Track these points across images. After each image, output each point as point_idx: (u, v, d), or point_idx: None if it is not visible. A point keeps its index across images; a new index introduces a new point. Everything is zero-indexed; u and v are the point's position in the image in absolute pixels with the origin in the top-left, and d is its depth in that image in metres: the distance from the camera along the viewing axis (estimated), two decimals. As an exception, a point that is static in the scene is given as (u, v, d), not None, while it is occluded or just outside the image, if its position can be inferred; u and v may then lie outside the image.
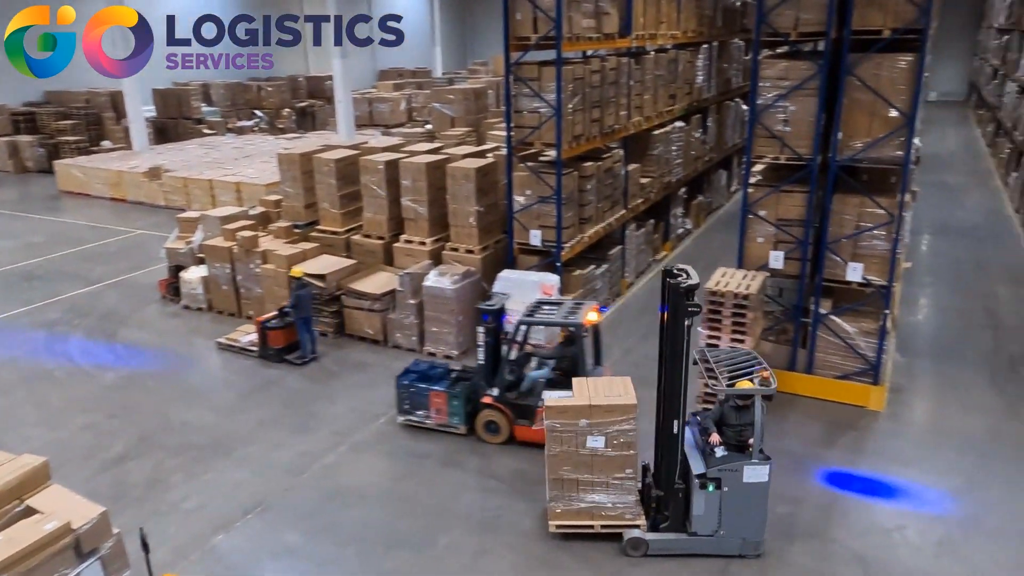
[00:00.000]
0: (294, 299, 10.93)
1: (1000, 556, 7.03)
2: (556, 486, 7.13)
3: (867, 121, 8.93)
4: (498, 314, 8.84)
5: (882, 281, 9.25)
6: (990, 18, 33.56)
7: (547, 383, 8.72)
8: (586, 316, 8.52)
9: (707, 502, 6.79)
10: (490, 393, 8.78)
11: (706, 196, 18.71)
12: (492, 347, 8.79)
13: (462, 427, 8.99)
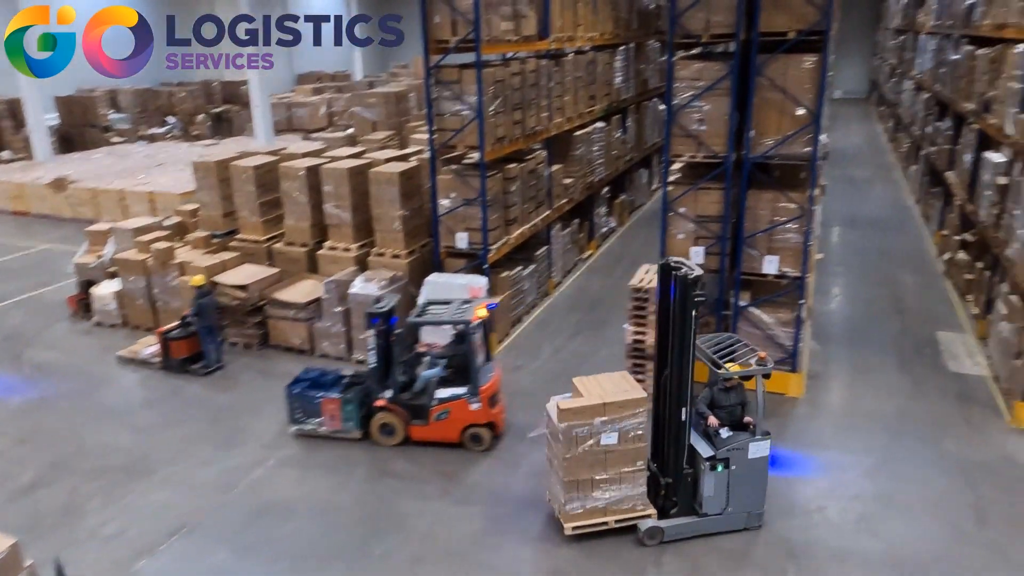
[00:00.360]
0: (196, 308, 10.67)
1: (913, 530, 7.42)
2: (572, 488, 7.09)
3: (777, 119, 9.29)
4: (388, 316, 8.84)
5: (797, 272, 9.63)
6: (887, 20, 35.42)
7: (440, 381, 8.83)
8: (475, 313, 8.65)
9: (716, 482, 7.07)
10: (383, 396, 8.79)
11: (628, 195, 19.09)
12: (383, 350, 8.81)
13: (356, 432, 8.97)
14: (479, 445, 8.82)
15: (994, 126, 11.98)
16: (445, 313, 8.85)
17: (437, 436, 8.79)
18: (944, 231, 15.55)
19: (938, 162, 16.98)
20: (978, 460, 8.46)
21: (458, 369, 8.84)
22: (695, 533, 7.23)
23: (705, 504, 7.17)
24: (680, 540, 7.18)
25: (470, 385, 8.71)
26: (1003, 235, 10.81)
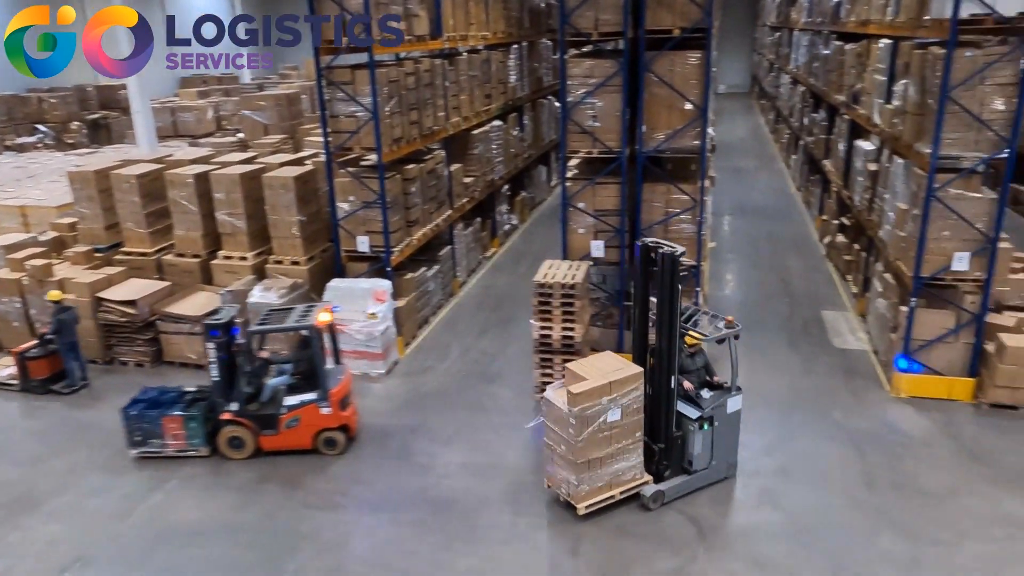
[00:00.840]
0: (56, 324, 10.12)
1: (810, 499, 7.85)
2: (584, 468, 7.28)
3: (667, 114, 9.62)
4: (228, 327, 8.57)
5: (692, 261, 9.99)
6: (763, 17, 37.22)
7: (288, 389, 8.71)
8: (318, 317, 8.59)
9: (703, 440, 7.73)
10: (229, 408, 8.57)
11: (529, 192, 19.29)
12: (226, 362, 8.54)
13: (204, 448, 8.70)
14: (333, 449, 8.74)
15: (863, 116, 12.82)
16: (289, 319, 8.67)
17: (289, 444, 8.67)
18: (824, 216, 16.51)
19: (816, 151, 18.01)
20: (864, 429, 9.04)
21: (306, 375, 8.73)
22: (688, 490, 7.83)
23: (695, 462, 7.78)
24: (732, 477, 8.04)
25: (319, 390, 8.60)
26: (875, 218, 11.58)
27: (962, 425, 9.07)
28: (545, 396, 7.58)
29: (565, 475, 7.44)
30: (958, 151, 8.92)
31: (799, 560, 6.95)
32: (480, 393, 10.23)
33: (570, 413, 7.13)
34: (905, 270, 9.62)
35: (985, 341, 9.44)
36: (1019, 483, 7.93)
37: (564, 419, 7.23)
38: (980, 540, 7.12)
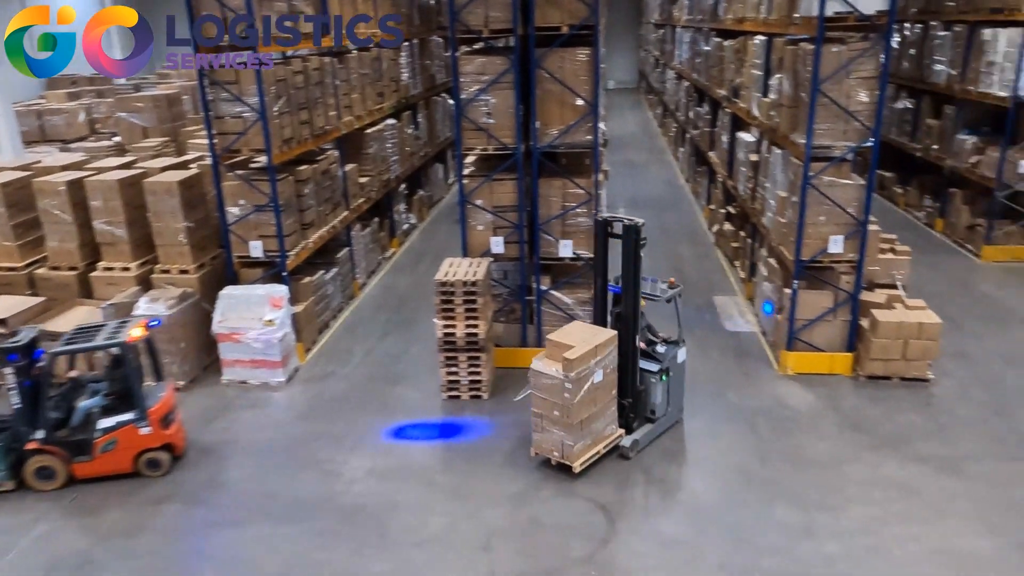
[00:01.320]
0: None
1: (710, 478, 8.19)
2: (577, 429, 7.89)
3: (559, 110, 9.77)
4: (29, 350, 8.07)
5: (590, 254, 10.21)
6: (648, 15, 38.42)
7: (103, 411, 8.23)
8: (130, 333, 8.18)
9: (662, 390, 8.69)
10: (35, 437, 8.03)
11: (426, 190, 19.18)
12: (29, 388, 8.00)
13: (8, 483, 8.11)
14: (157, 470, 8.34)
15: (743, 109, 13.46)
16: (99, 337, 8.16)
17: (107, 469, 8.20)
18: (712, 206, 17.23)
19: (701, 144, 18.77)
20: (756, 407, 9.51)
21: (121, 395, 8.30)
22: (654, 436, 8.77)
23: (657, 410, 8.75)
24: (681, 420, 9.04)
25: (136, 409, 8.20)
26: (758, 206, 12.19)
27: (843, 397, 9.69)
28: (532, 368, 8.03)
29: (560, 438, 8.01)
30: (829, 141, 9.51)
31: (702, 536, 7.24)
32: (386, 396, 10.11)
33: (566, 378, 7.65)
34: (787, 254, 10.17)
35: (860, 318, 10.12)
36: (895, 448, 8.55)
37: (558, 385, 7.76)
38: (863, 503, 7.63)
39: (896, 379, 9.91)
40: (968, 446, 8.56)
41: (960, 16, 15.36)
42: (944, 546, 7.02)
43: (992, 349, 10.81)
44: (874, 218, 10.20)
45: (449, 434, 9.20)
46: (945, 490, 7.81)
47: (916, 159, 17.62)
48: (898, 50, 18.01)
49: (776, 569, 6.78)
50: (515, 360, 10.63)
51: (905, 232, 15.22)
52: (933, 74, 16.30)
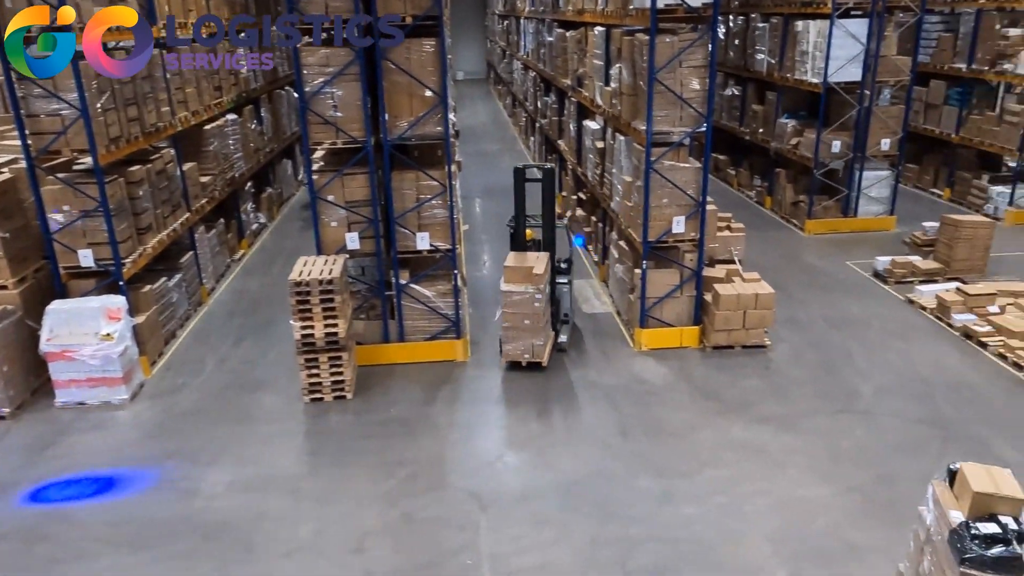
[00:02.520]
0: None
1: (576, 455, 8.44)
2: (542, 331, 9.99)
3: (408, 101, 9.67)
4: None
5: (447, 245, 10.22)
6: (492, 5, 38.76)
7: None
8: None
9: (568, 298, 11.00)
10: None
11: (275, 187, 18.43)
12: None
13: None
14: None
15: (587, 98, 13.92)
16: None
17: None
18: (563, 192, 17.72)
19: (551, 132, 19.24)
20: (616, 384, 9.92)
21: None
22: (569, 333, 10.88)
23: (569, 314, 10.92)
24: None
25: None
26: (607, 191, 12.67)
27: (693, 368, 10.30)
28: (503, 290, 9.78)
29: (530, 342, 9.99)
30: (667, 127, 10.02)
31: (572, 512, 7.48)
32: (244, 404, 9.65)
33: (537, 290, 9.73)
34: (635, 236, 10.65)
35: (704, 292, 10.79)
36: (740, 412, 9.20)
37: (528, 298, 9.78)
38: (717, 465, 8.17)
39: (738, 347, 10.66)
40: (803, 404, 9.37)
41: (776, 9, 16.66)
42: (787, 497, 7.64)
43: (818, 314, 11.87)
44: (711, 198, 10.86)
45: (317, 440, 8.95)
46: (786, 446, 8.50)
47: (746, 142, 18.98)
48: (724, 41, 19.30)
49: (641, 536, 7.11)
50: (378, 357, 10.48)
51: (739, 210, 16.38)
52: (756, 63, 17.59)
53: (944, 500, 5.26)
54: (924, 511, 5.50)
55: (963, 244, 12.95)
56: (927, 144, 18.76)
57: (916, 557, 5.58)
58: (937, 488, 5.41)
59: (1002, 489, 5.06)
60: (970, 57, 17.26)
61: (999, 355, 10.31)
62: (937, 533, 5.22)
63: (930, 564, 5.31)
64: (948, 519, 5.10)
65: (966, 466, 5.25)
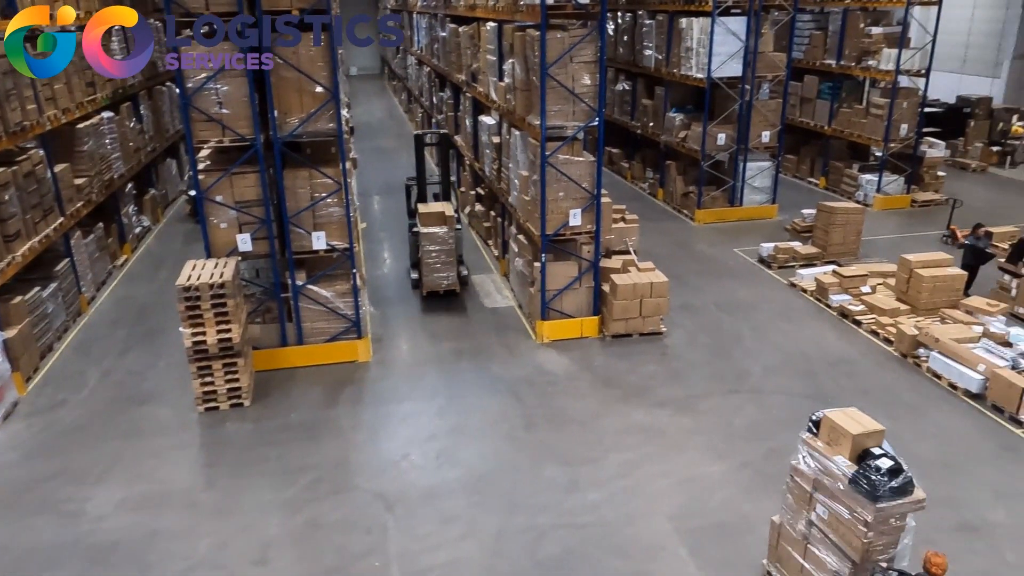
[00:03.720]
0: None
1: (481, 449, 8.50)
2: (454, 265, 12.11)
3: (298, 98, 9.40)
4: None
5: (345, 244, 10.02)
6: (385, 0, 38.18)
7: None
8: None
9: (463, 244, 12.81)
10: None
11: (159, 189, 17.54)
12: None
13: None
14: None
15: (482, 93, 13.95)
16: None
17: None
18: (462, 188, 17.70)
19: (447, 128, 19.16)
20: (519, 376, 10.02)
21: None
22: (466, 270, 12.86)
23: (463, 254, 12.74)
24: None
25: None
26: (504, 185, 12.76)
27: (594, 358, 10.54)
28: (422, 232, 11.68)
29: (446, 274, 11.97)
30: (561, 121, 10.18)
31: (479, 507, 7.51)
32: (133, 418, 9.16)
33: (450, 228, 11.75)
34: (533, 230, 10.78)
35: (601, 283, 11.04)
36: (640, 397, 9.49)
37: (444, 236, 11.73)
38: (620, 450, 8.40)
39: (636, 335, 10.99)
40: (698, 386, 9.76)
41: (661, 7, 17.20)
42: (687, 475, 7.95)
43: (709, 299, 12.39)
44: (606, 191, 11.14)
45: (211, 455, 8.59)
46: (683, 427, 8.84)
47: (637, 136, 19.53)
48: (613, 37, 19.77)
49: (549, 525, 7.23)
50: (277, 361, 10.18)
51: (633, 202, 16.86)
52: (644, 59, 18.12)
53: (822, 449, 5.71)
54: (801, 464, 5.89)
55: (838, 229, 13.81)
56: (803, 136, 19.89)
57: (799, 507, 5.98)
58: (809, 440, 5.85)
59: (867, 426, 5.62)
60: (839, 54, 18.42)
61: (872, 332, 11.07)
62: (829, 480, 5.63)
63: (824, 511, 5.73)
64: (836, 465, 5.56)
65: (830, 413, 5.77)
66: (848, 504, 5.51)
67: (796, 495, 6.00)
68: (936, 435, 8.62)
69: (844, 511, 5.55)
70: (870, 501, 5.33)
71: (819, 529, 5.81)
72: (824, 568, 5.81)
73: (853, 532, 5.49)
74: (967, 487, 7.66)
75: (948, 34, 24.01)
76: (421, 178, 12.90)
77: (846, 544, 5.59)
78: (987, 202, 17.76)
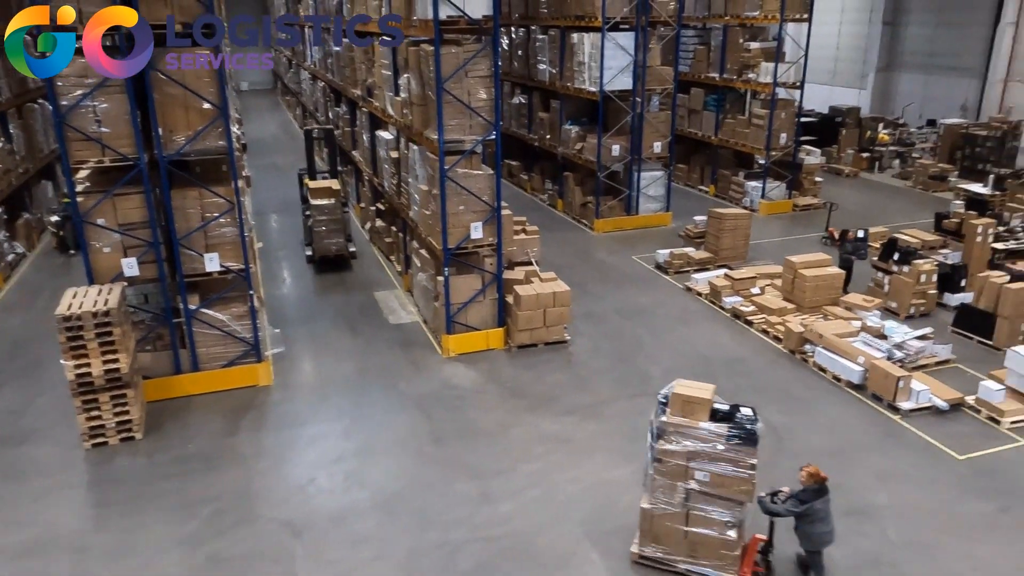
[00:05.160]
0: None
1: (390, 468, 8.36)
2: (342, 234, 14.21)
3: (184, 115, 9.04)
4: None
5: (240, 265, 9.68)
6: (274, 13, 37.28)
7: None
8: None
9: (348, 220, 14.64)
10: None
11: (34, 212, 16.45)
12: None
13: None
14: None
15: (378, 108, 13.84)
16: None
17: None
18: (362, 204, 17.47)
19: (345, 143, 18.87)
20: (427, 392, 9.95)
21: None
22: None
23: (352, 234, 14.09)
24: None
25: None
26: (404, 200, 12.68)
27: (501, 369, 10.60)
28: (314, 203, 13.89)
29: (336, 242, 14.12)
30: (459, 135, 10.23)
31: (390, 527, 7.39)
32: (9, 460, 8.51)
33: (339, 200, 14.08)
34: (435, 244, 10.76)
35: (505, 295, 11.13)
36: (548, 406, 9.61)
37: (333, 206, 13.97)
38: (530, 460, 8.46)
39: (541, 345, 11.13)
40: (603, 392, 9.96)
41: (553, 22, 17.59)
42: (596, 480, 8.09)
43: (611, 306, 12.70)
44: (506, 203, 11.25)
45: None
46: (591, 433, 9.00)
47: (535, 148, 19.84)
48: (508, 51, 20.05)
49: (461, 540, 7.19)
50: (171, 390, 9.71)
51: (533, 213, 17.11)
52: (539, 73, 18.46)
53: (687, 423, 6.22)
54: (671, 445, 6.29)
55: (728, 234, 14.46)
56: (693, 145, 20.75)
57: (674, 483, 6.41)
58: (668, 418, 6.27)
59: (708, 388, 6.30)
60: (721, 67, 19.36)
61: (762, 331, 11.64)
62: (706, 446, 6.18)
63: (705, 475, 6.27)
64: (709, 431, 6.17)
65: (678, 389, 6.30)
66: (731, 458, 6.13)
67: (669, 474, 6.40)
68: (825, 426, 9.13)
69: (728, 466, 6.16)
70: (752, 447, 6.09)
71: (700, 493, 6.34)
72: (712, 523, 6.39)
73: (741, 480, 6.17)
74: (854, 473, 8.14)
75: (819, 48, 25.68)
76: (311, 166, 15.42)
77: (735, 493, 6.23)
78: (860, 205, 19.04)
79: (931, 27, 26.12)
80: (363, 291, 13.50)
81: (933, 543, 7.12)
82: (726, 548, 6.42)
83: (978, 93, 24.47)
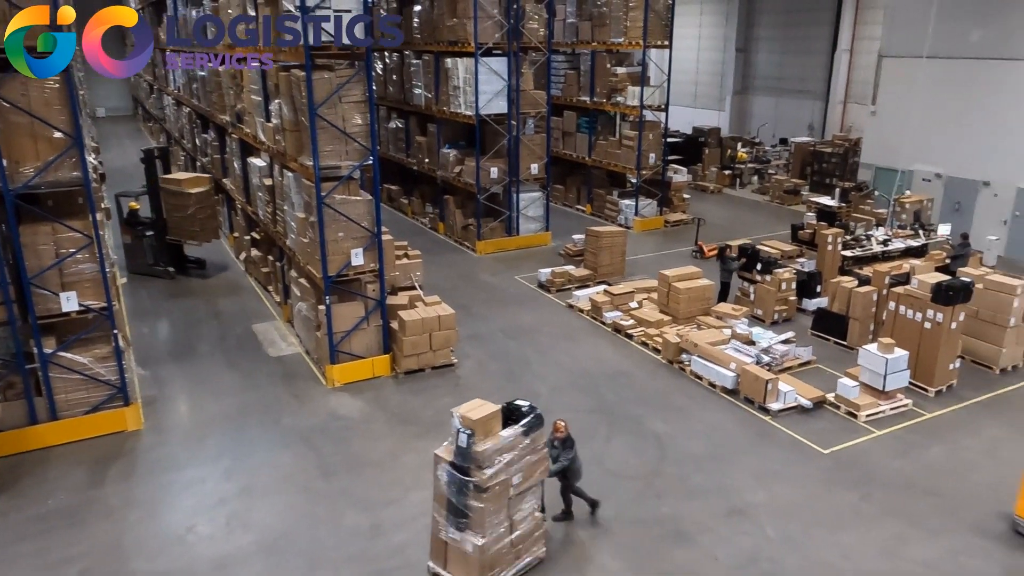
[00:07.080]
0: None
1: (276, 508, 8.02)
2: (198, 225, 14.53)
3: (32, 145, 8.43)
4: None
5: (101, 303, 9.06)
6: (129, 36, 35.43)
7: None
8: None
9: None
10: None
11: None
12: None
13: None
14: None
15: (249, 135, 13.41)
16: None
17: None
18: (235, 233, 16.81)
19: (214, 171, 18.13)
20: (312, 425, 9.64)
21: None
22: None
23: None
24: None
25: None
26: (280, 228, 12.31)
27: (388, 397, 10.43)
28: (188, 192, 14.02)
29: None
30: (335, 161, 10.07)
31: (278, 568, 7.08)
32: None
33: (207, 188, 14.55)
34: (315, 273, 10.50)
35: (390, 321, 11.00)
36: (437, 432, 9.48)
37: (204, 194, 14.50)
38: (421, 488, 8.31)
39: (428, 369, 11.05)
40: (492, 413, 9.98)
41: (427, 47, 17.70)
42: (488, 503, 8.07)
43: (496, 327, 12.80)
44: (387, 228, 11.15)
45: (-57, 556, 7.29)
46: (481, 455, 8.98)
47: (415, 172, 19.82)
48: (383, 76, 19.98)
49: (355, 575, 6.99)
50: (25, 443, 8.93)
51: (415, 237, 17.05)
52: (415, 97, 18.49)
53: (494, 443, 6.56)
54: (495, 469, 6.53)
55: (605, 251, 14.95)
56: (568, 167, 21.38)
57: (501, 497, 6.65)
58: (483, 446, 6.51)
59: (487, 408, 6.67)
60: (591, 91, 20.10)
61: (642, 343, 12.08)
62: (516, 451, 6.64)
63: (519, 472, 6.70)
64: (511, 437, 6.61)
65: (465, 413, 6.63)
66: (531, 448, 6.77)
67: (496, 498, 6.63)
68: (704, 431, 9.56)
69: (532, 456, 6.79)
70: (542, 427, 6.87)
71: (518, 495, 6.80)
72: (528, 516, 6.92)
73: (541, 460, 6.95)
74: (733, 475, 8.56)
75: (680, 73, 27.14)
76: (154, 187, 15.17)
77: (540, 475, 6.96)
78: (725, 219, 20.21)
79: (778, 54, 28.28)
80: (240, 323, 12.96)
81: (805, 536, 7.58)
82: (538, 529, 7.05)
83: (822, 114, 26.65)
